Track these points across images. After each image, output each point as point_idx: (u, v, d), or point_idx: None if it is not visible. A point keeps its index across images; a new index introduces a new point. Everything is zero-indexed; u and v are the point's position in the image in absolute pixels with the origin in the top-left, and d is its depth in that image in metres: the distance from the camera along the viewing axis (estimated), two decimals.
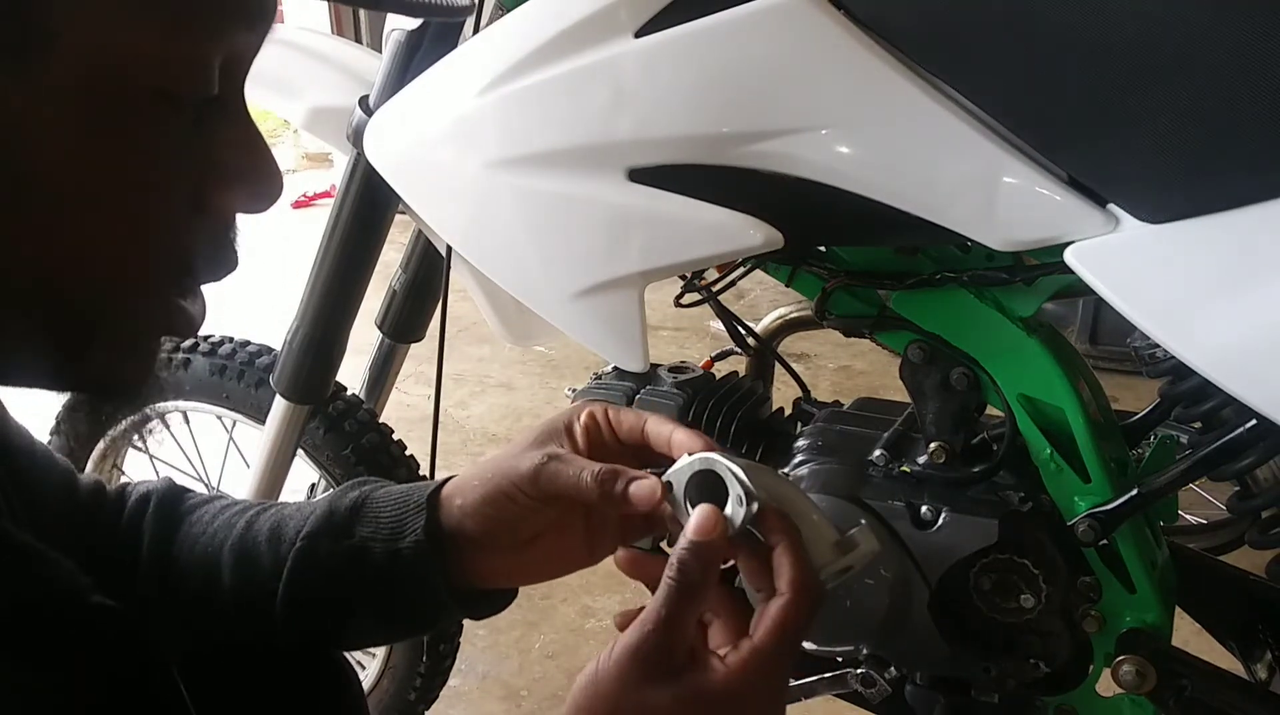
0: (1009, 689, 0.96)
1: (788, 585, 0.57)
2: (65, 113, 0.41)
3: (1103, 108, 0.73)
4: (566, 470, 0.63)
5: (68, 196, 0.42)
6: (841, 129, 0.81)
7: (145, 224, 0.45)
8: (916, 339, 0.93)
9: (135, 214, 0.45)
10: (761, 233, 0.87)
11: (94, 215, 0.43)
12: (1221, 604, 1.01)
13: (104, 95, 0.41)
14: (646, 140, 0.87)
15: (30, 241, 0.42)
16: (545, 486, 0.64)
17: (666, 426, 0.65)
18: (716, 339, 3.18)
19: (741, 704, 0.55)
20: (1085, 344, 2.89)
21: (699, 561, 0.57)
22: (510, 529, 0.66)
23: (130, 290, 0.46)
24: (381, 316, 1.44)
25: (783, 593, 0.57)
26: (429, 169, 0.99)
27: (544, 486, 0.64)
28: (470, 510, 0.67)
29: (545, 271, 0.97)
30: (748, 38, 0.81)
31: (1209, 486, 1.83)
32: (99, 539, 0.73)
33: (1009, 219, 0.78)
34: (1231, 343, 0.71)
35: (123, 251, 0.45)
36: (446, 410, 2.85)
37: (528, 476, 0.64)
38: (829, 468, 0.96)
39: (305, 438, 1.33)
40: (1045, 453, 0.91)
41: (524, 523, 0.66)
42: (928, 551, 0.91)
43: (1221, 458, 0.85)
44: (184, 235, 0.48)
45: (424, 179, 1.01)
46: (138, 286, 0.47)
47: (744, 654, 0.56)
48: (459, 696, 1.79)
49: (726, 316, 1.12)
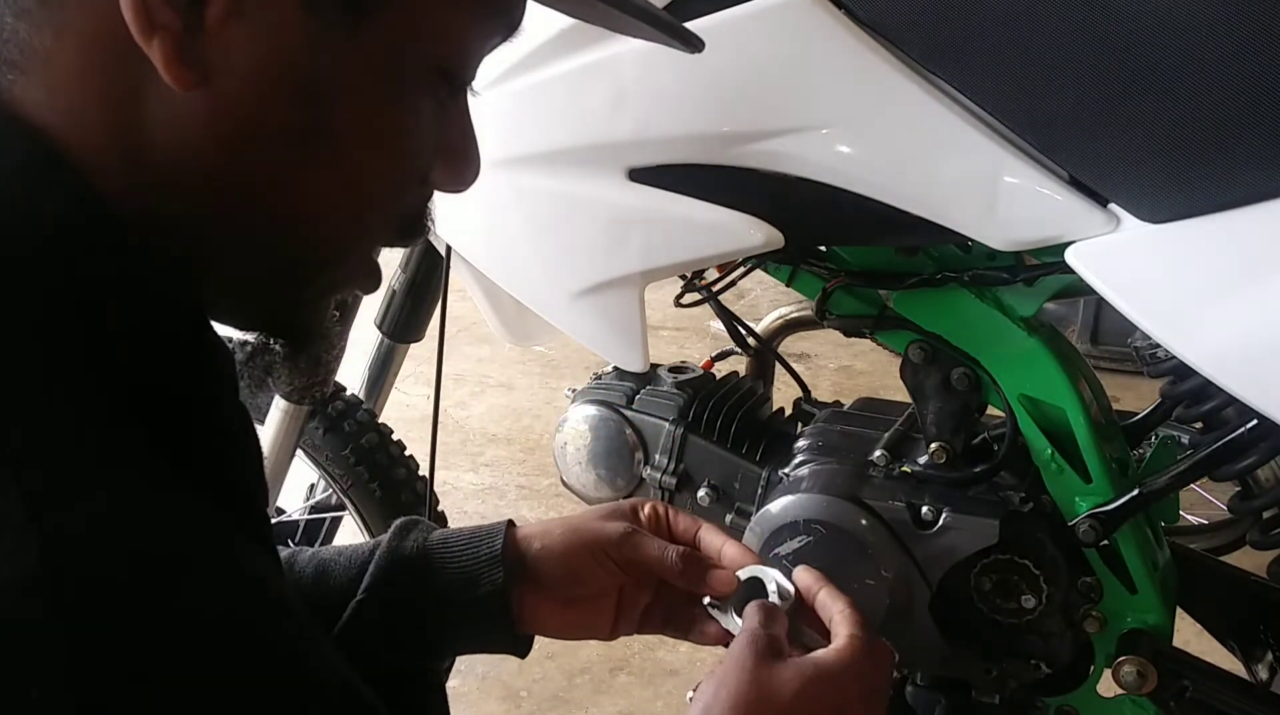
0: (1010, 690, 0.96)
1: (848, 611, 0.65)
2: (367, 75, 0.46)
3: (1103, 108, 0.73)
4: (652, 544, 0.69)
5: (345, 145, 0.47)
6: (842, 129, 0.81)
7: (392, 183, 0.51)
8: (917, 339, 0.93)
9: (388, 173, 0.50)
10: (761, 233, 0.86)
11: (358, 166, 0.48)
12: (1222, 604, 1.01)
13: (402, 64, 0.47)
14: (646, 140, 0.87)
15: (300, 179, 0.47)
16: (629, 553, 0.69)
17: (719, 539, 0.71)
18: (716, 339, 3.18)
19: (852, 680, 0.60)
20: (1086, 344, 2.89)
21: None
22: (575, 583, 0.70)
23: (352, 241, 0.52)
24: (381, 316, 1.43)
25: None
26: None
27: (628, 553, 0.69)
28: (548, 555, 0.70)
29: (545, 271, 0.97)
30: (748, 37, 0.81)
31: (1210, 487, 1.83)
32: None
33: (1010, 219, 0.78)
34: (1232, 343, 0.71)
35: (364, 204, 0.50)
36: (446, 410, 2.85)
37: (615, 541, 0.69)
38: (830, 468, 0.96)
39: (305, 438, 1.33)
40: (1046, 453, 0.91)
41: (586, 582, 0.70)
42: (928, 552, 0.91)
43: (1222, 458, 0.85)
44: (407, 199, 0.53)
45: None
46: (360, 239, 0.52)
47: (842, 639, 0.62)
48: (459, 697, 1.79)
49: (726, 316, 1.12)
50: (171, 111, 0.44)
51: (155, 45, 0.42)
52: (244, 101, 0.44)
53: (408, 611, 0.68)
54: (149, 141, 0.44)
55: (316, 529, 1.52)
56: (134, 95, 0.44)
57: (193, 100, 0.43)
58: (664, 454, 1.04)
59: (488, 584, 0.68)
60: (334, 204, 0.49)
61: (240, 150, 0.45)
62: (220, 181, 0.46)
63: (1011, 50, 0.75)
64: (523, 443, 2.76)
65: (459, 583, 0.68)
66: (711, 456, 1.03)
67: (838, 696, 0.59)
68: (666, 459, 1.03)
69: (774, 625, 0.62)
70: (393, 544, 0.70)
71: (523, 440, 2.77)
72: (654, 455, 1.04)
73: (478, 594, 0.68)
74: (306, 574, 0.70)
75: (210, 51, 0.43)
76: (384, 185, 0.50)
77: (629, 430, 1.04)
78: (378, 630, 0.67)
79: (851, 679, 0.60)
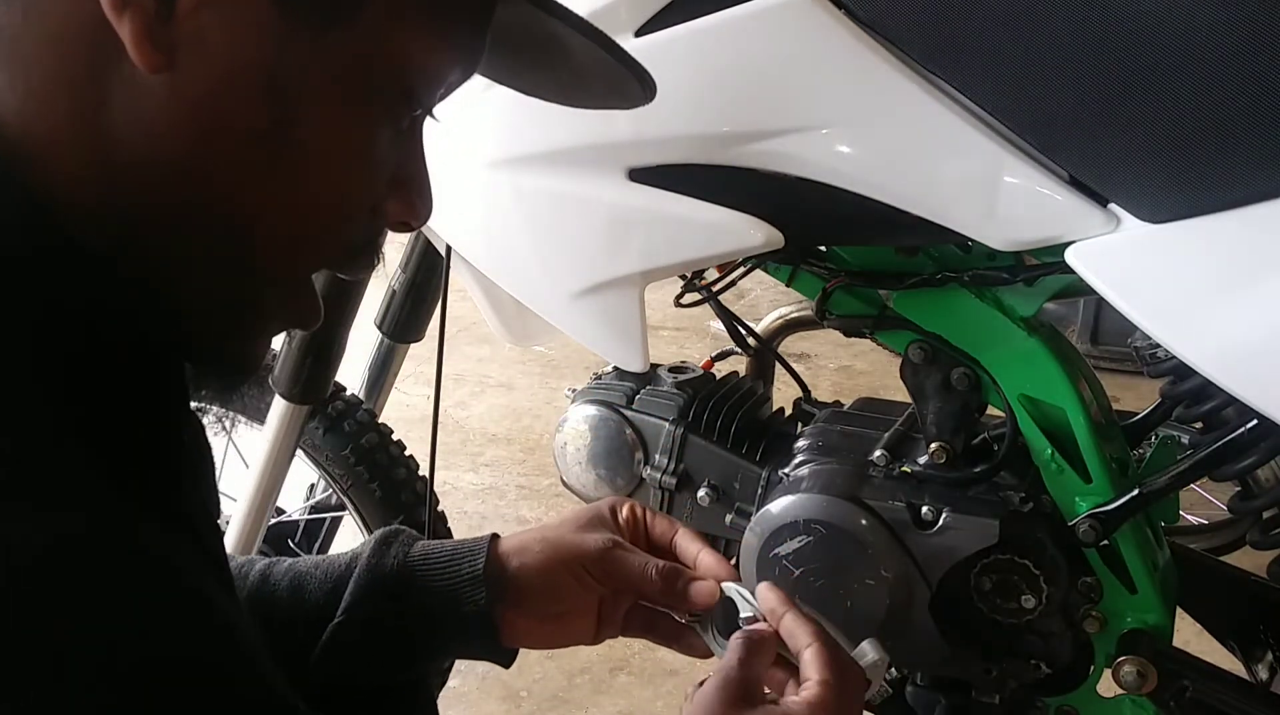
0: (1010, 690, 0.96)
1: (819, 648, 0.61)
2: (332, 83, 0.46)
3: (1103, 108, 0.73)
4: (632, 560, 0.68)
5: (303, 153, 0.47)
6: (842, 128, 0.81)
7: (344, 201, 0.50)
8: (917, 339, 0.93)
9: (342, 189, 0.50)
10: (761, 233, 0.86)
11: (313, 177, 0.48)
12: (1222, 604, 1.01)
13: (368, 77, 0.48)
14: (646, 140, 0.87)
15: (254, 181, 0.47)
16: (608, 568, 0.68)
17: (695, 545, 0.70)
18: (716, 339, 3.18)
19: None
20: (1086, 344, 2.89)
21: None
22: (555, 600, 0.69)
23: (297, 258, 0.51)
24: (381, 316, 1.43)
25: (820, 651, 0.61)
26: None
27: (607, 568, 0.68)
28: (526, 573, 0.69)
29: (545, 271, 0.97)
30: (748, 37, 0.81)
31: (1210, 487, 1.83)
32: None
33: (1010, 218, 0.78)
34: (1232, 342, 0.71)
35: (314, 218, 0.50)
36: (446, 410, 2.85)
37: (594, 556, 0.68)
38: (829, 468, 0.96)
39: (305, 438, 1.33)
40: (1046, 453, 0.91)
41: (567, 599, 0.69)
42: (928, 552, 0.91)
43: (1223, 458, 0.85)
44: (356, 225, 0.53)
45: None
46: (304, 257, 0.51)
47: (813, 687, 0.59)
48: (459, 697, 1.79)
49: (726, 316, 1.12)
50: (135, 95, 0.44)
51: (126, 21, 0.42)
52: (208, 91, 0.44)
53: (388, 632, 0.67)
54: (110, 124, 0.44)
55: (316, 529, 1.52)
56: (99, 77, 0.44)
57: (157, 84, 0.43)
58: (664, 454, 1.04)
59: (470, 604, 0.67)
60: (284, 213, 0.48)
61: (198, 141, 0.45)
62: (175, 171, 0.45)
63: (1011, 50, 0.75)
64: (523, 443, 2.76)
65: (441, 601, 0.67)
66: (711, 456, 1.03)
67: None
68: (666, 459, 1.03)
69: (753, 664, 0.60)
70: (372, 561, 0.68)
71: (523, 440, 2.77)
72: (654, 455, 1.04)
73: (461, 613, 0.67)
74: (282, 587, 0.69)
75: (179, 35, 0.43)
76: (335, 202, 0.50)
77: (629, 430, 1.04)
78: (357, 651, 0.67)
79: None
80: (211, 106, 0.44)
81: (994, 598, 0.92)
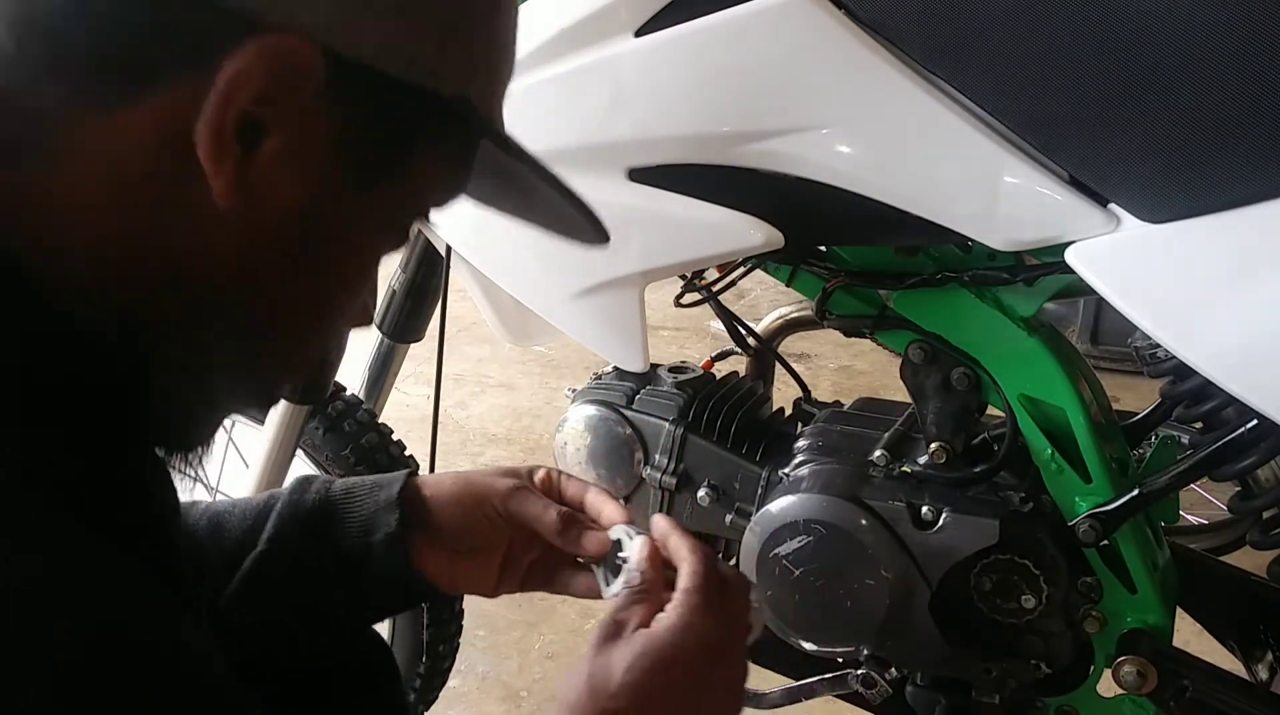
0: (1010, 690, 0.96)
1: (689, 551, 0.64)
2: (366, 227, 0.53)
3: (1103, 108, 0.73)
4: (536, 502, 0.71)
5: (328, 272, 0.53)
6: (842, 129, 0.81)
7: (346, 308, 0.56)
8: (917, 339, 0.93)
9: (348, 298, 0.56)
10: (761, 233, 0.86)
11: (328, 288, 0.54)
12: (1222, 604, 1.01)
13: (393, 221, 0.55)
14: (646, 140, 0.87)
15: (273, 291, 0.51)
16: (514, 508, 0.71)
17: (604, 502, 0.72)
18: (716, 339, 3.18)
19: (681, 645, 0.59)
20: (1086, 344, 2.89)
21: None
22: (463, 535, 0.71)
23: (294, 363, 0.56)
24: (381, 316, 1.43)
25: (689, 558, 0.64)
26: None
27: (513, 508, 0.71)
28: (437, 505, 0.71)
29: (545, 271, 0.97)
30: (748, 37, 0.81)
31: (1210, 487, 1.83)
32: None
33: (1010, 218, 0.78)
34: (1232, 343, 0.71)
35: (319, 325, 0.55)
36: (446, 410, 2.85)
37: (501, 494, 0.71)
38: (830, 468, 0.96)
39: (305, 438, 1.33)
40: (1046, 453, 0.91)
41: (475, 534, 0.71)
42: (928, 552, 0.91)
43: (1223, 458, 0.85)
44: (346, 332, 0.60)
45: None
46: (290, 370, 0.57)
47: (674, 604, 0.61)
48: (459, 697, 1.79)
49: (726, 316, 1.12)
50: (190, 218, 0.47)
51: (220, 168, 0.45)
52: (266, 227, 0.49)
53: (308, 561, 0.69)
54: (154, 241, 0.47)
55: None
56: (160, 200, 0.47)
57: (216, 213, 0.47)
58: (664, 454, 1.04)
59: (384, 528, 0.69)
60: (293, 320, 0.53)
61: (231, 259, 0.49)
62: (213, 287, 0.49)
63: (1011, 50, 0.75)
64: (523, 443, 2.76)
65: (357, 530, 0.70)
66: (711, 456, 1.03)
67: (673, 664, 0.58)
68: (666, 459, 1.03)
69: (630, 606, 0.61)
70: (293, 497, 0.71)
71: (523, 440, 2.78)
72: (654, 455, 1.04)
73: (374, 540, 0.69)
74: (200, 526, 0.71)
75: (254, 177, 0.47)
76: (340, 310, 0.56)
77: (629, 430, 1.05)
78: (278, 582, 0.68)
79: (691, 641, 0.59)
80: (256, 238, 0.49)
81: (994, 598, 0.92)
